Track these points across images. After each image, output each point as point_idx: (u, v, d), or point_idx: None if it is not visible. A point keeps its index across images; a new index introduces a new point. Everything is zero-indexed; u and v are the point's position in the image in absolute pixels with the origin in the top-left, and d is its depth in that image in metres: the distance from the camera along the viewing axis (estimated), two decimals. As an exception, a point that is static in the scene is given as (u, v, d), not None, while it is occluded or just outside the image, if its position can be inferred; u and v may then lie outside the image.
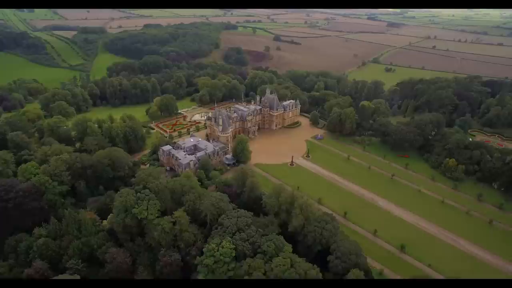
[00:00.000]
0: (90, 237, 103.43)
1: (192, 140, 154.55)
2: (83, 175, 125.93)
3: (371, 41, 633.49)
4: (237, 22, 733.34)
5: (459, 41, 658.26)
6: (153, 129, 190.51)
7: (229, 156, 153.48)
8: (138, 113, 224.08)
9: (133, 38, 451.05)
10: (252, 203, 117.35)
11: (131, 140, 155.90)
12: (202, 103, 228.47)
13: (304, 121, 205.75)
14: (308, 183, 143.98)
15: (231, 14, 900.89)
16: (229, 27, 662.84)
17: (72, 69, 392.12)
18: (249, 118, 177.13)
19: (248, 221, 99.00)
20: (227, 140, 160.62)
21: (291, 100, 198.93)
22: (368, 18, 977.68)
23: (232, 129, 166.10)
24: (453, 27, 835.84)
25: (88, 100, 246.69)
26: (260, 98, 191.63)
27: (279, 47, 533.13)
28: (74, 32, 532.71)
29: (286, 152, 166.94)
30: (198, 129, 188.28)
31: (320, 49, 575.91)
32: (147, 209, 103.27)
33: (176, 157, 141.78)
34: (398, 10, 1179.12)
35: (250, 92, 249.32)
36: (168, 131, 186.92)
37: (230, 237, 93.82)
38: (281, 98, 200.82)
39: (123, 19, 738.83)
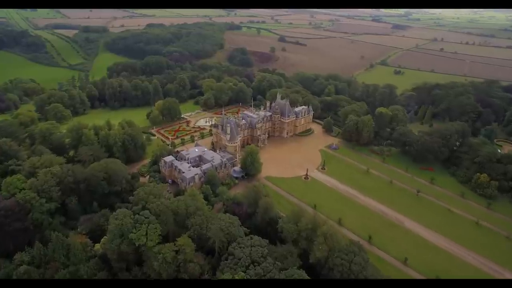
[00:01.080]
0: (80, 265, 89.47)
1: (196, 150, 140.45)
2: (75, 190, 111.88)
3: (377, 43, 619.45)
4: (241, 23, 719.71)
5: (467, 43, 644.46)
6: (154, 135, 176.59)
7: (237, 168, 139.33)
8: (139, 116, 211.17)
9: (136, 37, 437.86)
10: (266, 226, 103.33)
11: (130, 149, 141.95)
12: (206, 107, 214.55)
13: (317, 128, 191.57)
14: (325, 200, 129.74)
15: (235, 14, 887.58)
16: (233, 27, 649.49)
17: (71, 69, 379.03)
18: (258, 125, 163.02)
19: (263, 251, 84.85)
20: (235, 150, 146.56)
21: (304, 106, 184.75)
22: (373, 20, 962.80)
23: (240, 138, 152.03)
24: (459, 30, 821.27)
25: (86, 102, 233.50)
26: (270, 104, 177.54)
27: (284, 48, 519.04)
28: (76, 31, 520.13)
29: (299, 163, 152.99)
30: (202, 136, 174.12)
31: (326, 50, 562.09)
32: (146, 234, 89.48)
33: (180, 170, 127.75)
34: (402, 12, 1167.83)
35: (258, 95, 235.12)
36: (170, 138, 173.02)
37: (243, 271, 79.70)
38: (292, 103, 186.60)
39: (126, 19, 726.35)
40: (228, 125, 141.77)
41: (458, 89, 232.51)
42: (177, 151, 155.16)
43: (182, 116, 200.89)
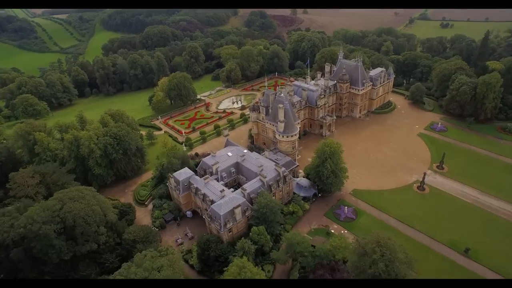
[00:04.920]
0: None
1: (230, 153, 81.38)
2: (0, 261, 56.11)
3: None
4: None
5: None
6: (160, 129, 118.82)
7: (303, 180, 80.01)
8: (141, 102, 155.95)
9: (134, 9, 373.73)
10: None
11: (118, 160, 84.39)
12: (230, 81, 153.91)
13: (397, 100, 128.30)
14: (476, 233, 69.64)
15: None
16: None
17: (63, 53, 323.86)
18: (320, 102, 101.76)
19: None
20: (294, 147, 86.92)
21: (381, 68, 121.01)
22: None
23: (299, 125, 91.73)
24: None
25: (71, 89, 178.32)
26: (330, 68, 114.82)
27: (305, 10, 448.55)
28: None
29: (398, 161, 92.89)
30: (233, 126, 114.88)
31: (352, 10, 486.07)
32: None
33: (205, 196, 69.77)
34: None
35: (296, 62, 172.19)
36: (183, 131, 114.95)
37: None
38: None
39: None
40: (281, 105, 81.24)
41: None
42: (196, 154, 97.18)
43: (198, 97, 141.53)
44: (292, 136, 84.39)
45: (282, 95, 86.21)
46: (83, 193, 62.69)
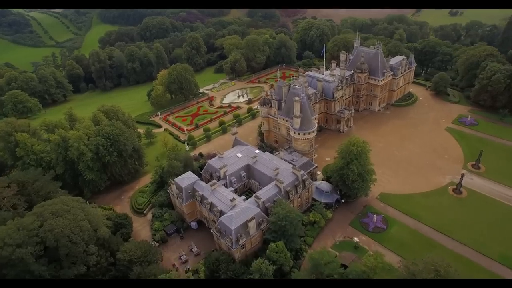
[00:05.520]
0: None
1: (239, 155, 71.25)
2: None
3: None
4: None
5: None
6: (160, 126, 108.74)
7: (323, 184, 69.94)
8: (139, 97, 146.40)
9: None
10: None
11: (112, 163, 74.46)
12: (235, 74, 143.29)
13: (418, 91, 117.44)
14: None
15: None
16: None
17: (59, 47, 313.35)
18: (337, 94, 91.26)
19: None
20: (311, 146, 76.73)
21: (402, 57, 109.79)
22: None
23: (316, 120, 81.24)
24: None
25: (65, 85, 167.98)
26: (346, 57, 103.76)
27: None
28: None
29: (426, 159, 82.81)
30: (240, 122, 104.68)
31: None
32: None
33: (212, 205, 59.99)
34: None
35: (304, 52, 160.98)
36: (185, 128, 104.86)
37: None
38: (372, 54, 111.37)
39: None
40: (297, 98, 70.88)
41: None
42: (201, 154, 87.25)
43: (201, 90, 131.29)
44: (309, 133, 74.05)
45: (297, 86, 75.69)
46: (69, 205, 52.87)
